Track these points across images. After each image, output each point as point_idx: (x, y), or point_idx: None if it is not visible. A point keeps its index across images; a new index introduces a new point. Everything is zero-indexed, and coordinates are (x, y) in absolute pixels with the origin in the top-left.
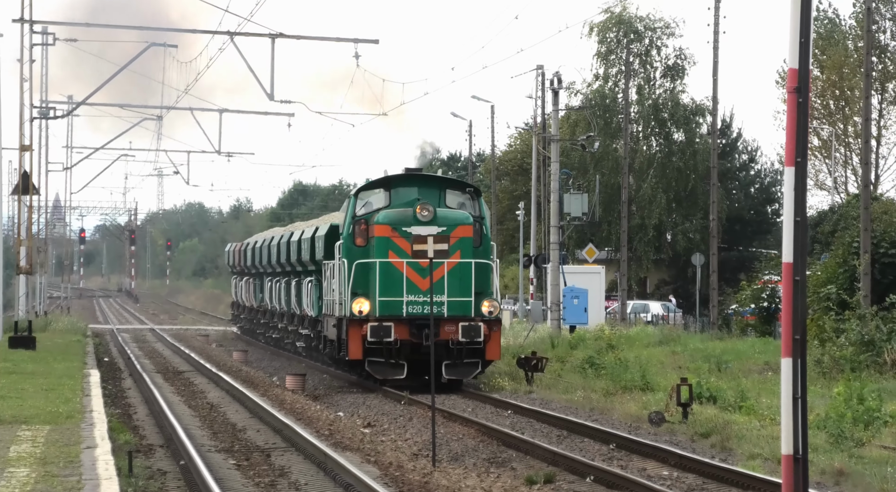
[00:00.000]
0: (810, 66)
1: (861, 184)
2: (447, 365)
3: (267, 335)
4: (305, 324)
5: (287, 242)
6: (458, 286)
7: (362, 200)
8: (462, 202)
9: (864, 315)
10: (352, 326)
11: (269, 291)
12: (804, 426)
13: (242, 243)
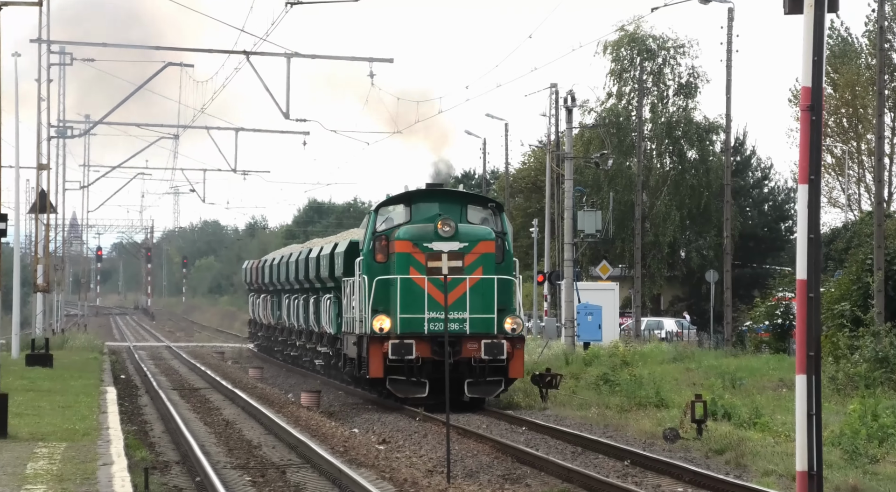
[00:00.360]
0: (823, 84)
1: (874, 201)
2: (469, 383)
3: (285, 353)
4: (324, 341)
5: (305, 258)
6: (480, 303)
7: (382, 215)
8: (484, 218)
9: (879, 332)
10: (372, 344)
11: (286, 308)
12: (819, 443)
13: (260, 260)
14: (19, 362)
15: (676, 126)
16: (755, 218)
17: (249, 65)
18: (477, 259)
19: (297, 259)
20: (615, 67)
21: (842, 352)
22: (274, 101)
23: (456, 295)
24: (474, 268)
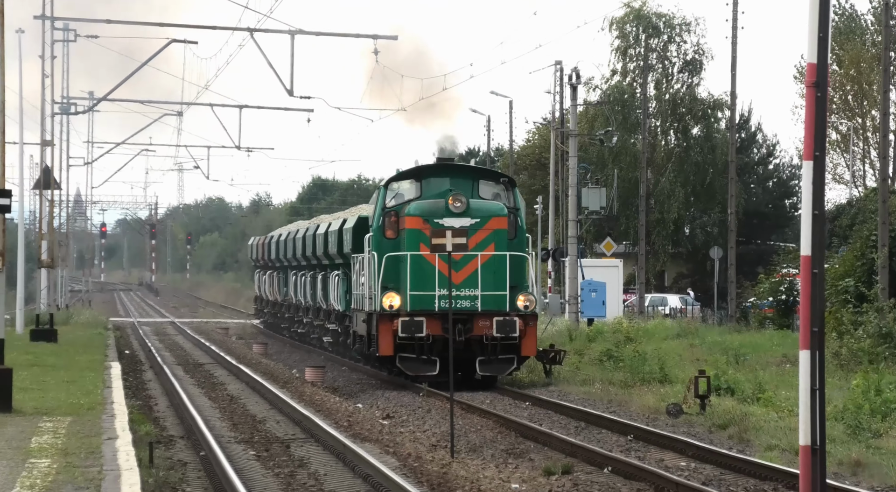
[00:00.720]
0: (829, 60)
1: (879, 177)
2: (481, 361)
3: (292, 330)
4: (332, 319)
5: (313, 235)
6: (492, 280)
7: (392, 191)
8: (496, 193)
9: (882, 308)
10: (382, 322)
11: (293, 285)
12: (822, 418)
13: (266, 237)
14: (24, 338)
15: (681, 103)
16: (760, 195)
17: (253, 42)
18: (489, 235)
19: (304, 235)
20: (620, 44)
21: (845, 328)
22: (278, 78)
23: (467, 272)
24: (486, 244)
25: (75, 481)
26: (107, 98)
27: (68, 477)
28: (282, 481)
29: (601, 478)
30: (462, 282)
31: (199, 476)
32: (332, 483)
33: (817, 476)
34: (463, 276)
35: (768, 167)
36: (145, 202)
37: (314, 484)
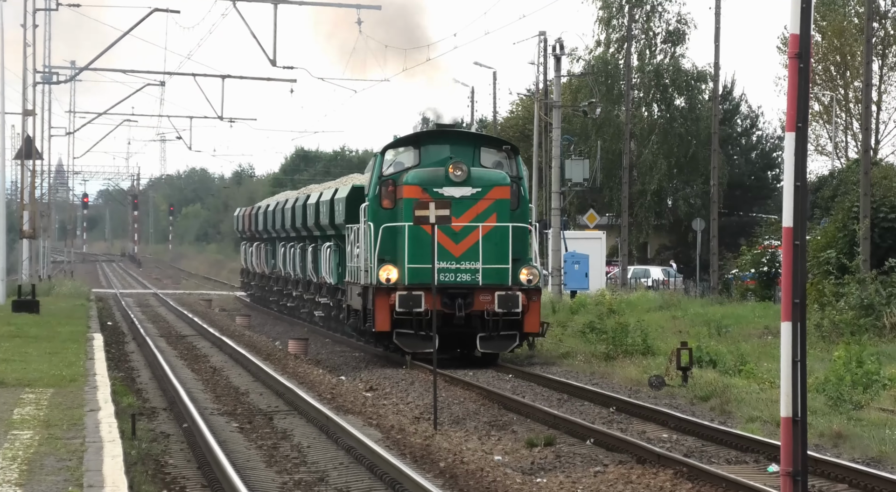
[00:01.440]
0: (811, 31)
1: (861, 149)
2: (482, 338)
3: (281, 304)
4: (323, 292)
5: (303, 205)
6: (494, 252)
7: (389, 158)
8: (498, 161)
9: (864, 279)
10: (379, 296)
11: (282, 257)
12: (803, 389)
13: (253, 207)
14: (5, 308)
15: (664, 74)
16: (742, 166)
17: (236, 11)
18: (490, 205)
19: (293, 206)
20: (603, 15)
21: (827, 299)
22: (261, 48)
23: (468, 244)
24: (488, 215)
25: (58, 453)
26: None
27: (51, 449)
28: (265, 452)
29: (583, 450)
30: (462, 254)
31: (181, 448)
32: (315, 455)
33: (798, 448)
34: (463, 248)
35: (751, 139)
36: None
37: (297, 456)
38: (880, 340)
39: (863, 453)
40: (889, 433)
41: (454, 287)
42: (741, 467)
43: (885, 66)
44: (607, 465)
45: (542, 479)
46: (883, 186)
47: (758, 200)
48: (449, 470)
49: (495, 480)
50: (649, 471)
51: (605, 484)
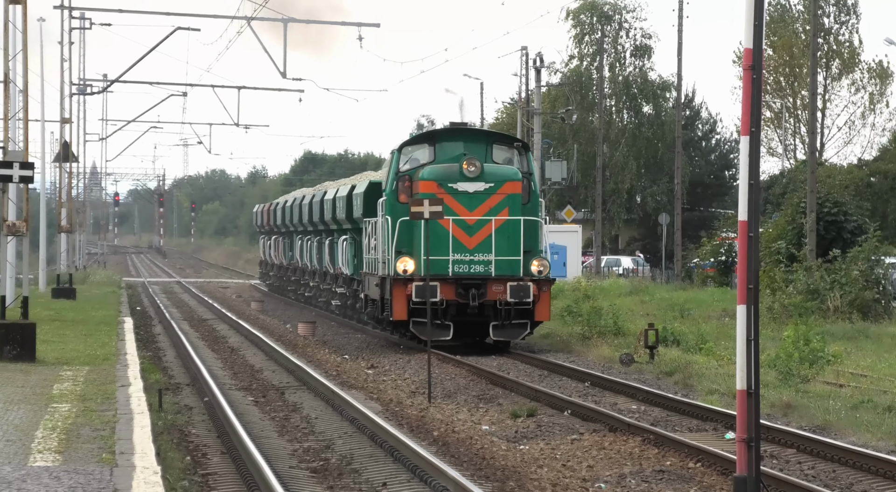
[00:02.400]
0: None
1: (808, 151)
2: (495, 326)
3: (298, 293)
4: (340, 282)
5: (321, 200)
6: (506, 245)
7: (406, 155)
8: (509, 157)
9: (810, 267)
10: (396, 286)
11: (299, 249)
12: (756, 365)
13: (272, 204)
14: (46, 295)
15: (633, 84)
16: (703, 166)
17: (250, 29)
18: (503, 200)
19: (311, 201)
20: (577, 32)
21: (778, 285)
22: (273, 62)
23: (481, 237)
24: (500, 209)
25: (92, 424)
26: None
27: (86, 420)
28: (277, 423)
29: (562, 420)
30: (476, 246)
31: (203, 419)
32: (322, 426)
33: (752, 417)
34: (477, 240)
35: (710, 142)
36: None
37: (306, 426)
38: (825, 321)
39: (809, 421)
40: (832, 404)
41: (468, 278)
42: (702, 435)
43: (829, 77)
44: (583, 433)
45: (525, 446)
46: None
47: (716, 197)
48: (441, 438)
49: (483, 447)
50: (620, 438)
51: (581, 450)
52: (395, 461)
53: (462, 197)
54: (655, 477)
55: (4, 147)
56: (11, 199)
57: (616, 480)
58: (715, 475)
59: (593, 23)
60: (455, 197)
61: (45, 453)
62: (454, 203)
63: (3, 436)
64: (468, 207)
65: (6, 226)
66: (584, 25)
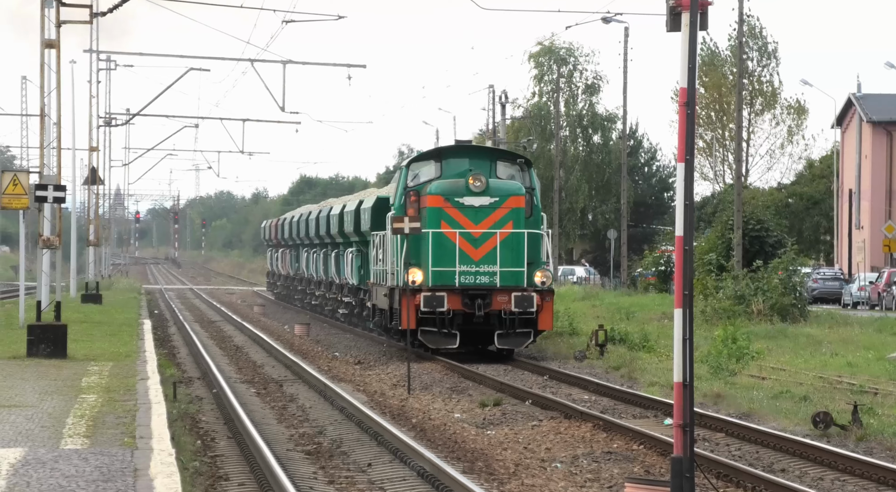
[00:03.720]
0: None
1: (735, 176)
2: (499, 335)
3: (305, 301)
4: (345, 292)
5: (327, 215)
6: (510, 257)
7: (413, 171)
8: (512, 173)
9: (737, 276)
10: (405, 297)
11: (305, 260)
12: (691, 360)
13: (279, 219)
14: (76, 300)
15: (584, 117)
16: (645, 189)
17: (254, 70)
18: (507, 213)
19: (317, 216)
20: (537, 72)
21: (709, 291)
22: (273, 98)
23: (487, 249)
24: (505, 222)
25: (116, 412)
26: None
27: (110, 409)
28: (276, 412)
29: (524, 408)
30: (481, 258)
31: (212, 408)
32: (315, 414)
33: (687, 405)
34: (482, 252)
35: (651, 168)
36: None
37: (301, 414)
38: (749, 322)
39: (736, 409)
40: (756, 394)
41: (474, 288)
42: (644, 421)
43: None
44: (542, 420)
45: (492, 431)
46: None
47: (657, 215)
48: (419, 425)
49: (455, 432)
50: (574, 424)
51: (540, 434)
52: (378, 445)
53: (468, 211)
54: (604, 458)
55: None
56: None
57: (570, 460)
58: (655, 456)
59: (551, 65)
60: (461, 211)
61: (74, 437)
62: (460, 217)
63: (39, 422)
64: (474, 220)
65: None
66: (543, 67)
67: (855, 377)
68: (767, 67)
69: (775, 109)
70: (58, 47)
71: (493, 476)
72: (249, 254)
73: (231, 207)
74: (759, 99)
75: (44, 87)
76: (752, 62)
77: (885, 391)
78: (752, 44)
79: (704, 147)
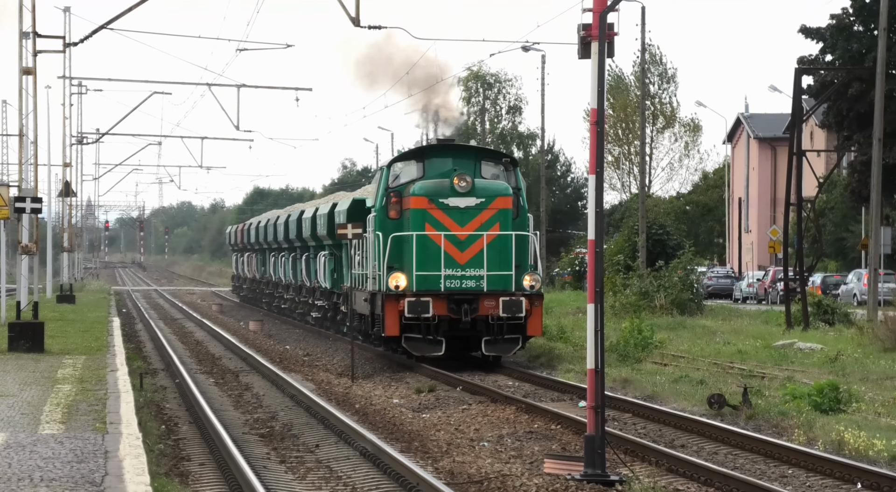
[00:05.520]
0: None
1: (639, 186)
2: (487, 341)
3: (273, 304)
4: (318, 295)
5: (298, 218)
6: (497, 260)
7: (394, 171)
8: (496, 174)
9: (642, 274)
10: (388, 302)
11: (271, 264)
12: (602, 349)
13: (245, 224)
14: (52, 300)
15: (508, 135)
16: (561, 198)
17: (211, 93)
18: (494, 215)
19: (286, 220)
20: (466, 95)
21: (618, 288)
22: (228, 118)
23: (473, 252)
24: (491, 224)
25: (88, 400)
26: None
27: (83, 397)
28: (233, 399)
29: (455, 394)
30: (468, 262)
31: (175, 396)
32: (268, 400)
33: (599, 389)
34: (468, 256)
35: (567, 179)
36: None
37: (256, 401)
38: (653, 316)
39: (641, 392)
40: (658, 379)
41: (460, 293)
42: (561, 404)
43: (655, 130)
44: (471, 404)
45: (427, 414)
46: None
47: (572, 222)
48: (362, 410)
49: (394, 416)
50: (500, 407)
51: (469, 416)
52: (325, 428)
53: (453, 212)
54: (526, 436)
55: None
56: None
57: (496, 439)
58: (571, 434)
59: (478, 88)
60: (446, 212)
61: (51, 423)
62: (445, 218)
63: (19, 410)
64: (459, 222)
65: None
66: (472, 90)
67: (745, 363)
68: (667, 90)
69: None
70: (34, 73)
71: (428, 454)
72: (208, 258)
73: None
74: (660, 118)
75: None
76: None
77: (770, 375)
78: (653, 69)
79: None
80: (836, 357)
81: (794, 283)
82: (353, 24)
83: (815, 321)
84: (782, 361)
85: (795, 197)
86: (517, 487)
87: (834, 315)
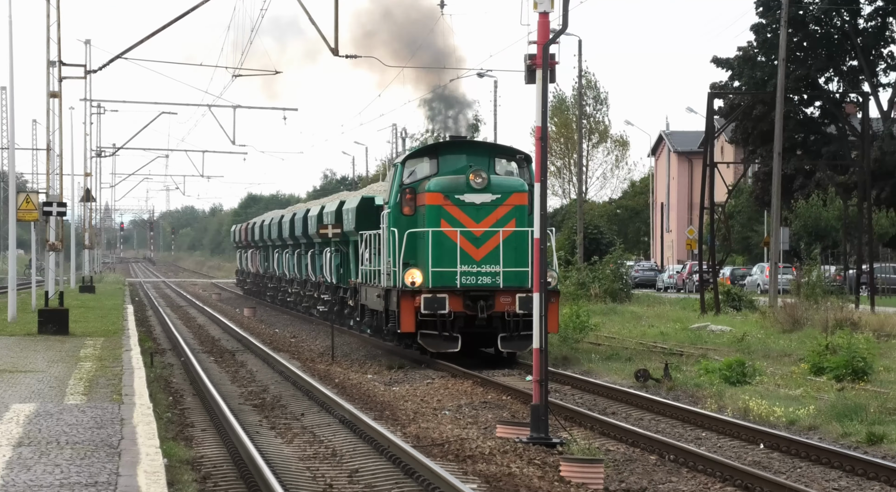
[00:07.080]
0: (548, 124)
1: (578, 192)
2: (503, 338)
3: (278, 298)
4: (323, 289)
5: (304, 217)
6: (513, 256)
7: (409, 168)
8: (510, 170)
9: (580, 268)
10: (404, 298)
11: (275, 260)
12: (545, 332)
13: (248, 223)
14: (75, 290)
15: None
16: None
17: (211, 113)
18: (510, 211)
19: (291, 219)
20: (430, 114)
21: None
22: (226, 134)
23: (489, 248)
24: (507, 220)
25: (106, 375)
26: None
27: (102, 373)
28: (230, 374)
29: (420, 371)
30: (483, 258)
31: (180, 372)
32: (260, 376)
33: (543, 365)
34: (484, 252)
35: None
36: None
37: (250, 376)
38: (589, 303)
39: (579, 368)
40: (594, 356)
41: (476, 289)
42: (511, 378)
43: (590, 145)
44: (434, 379)
45: (396, 388)
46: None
47: None
48: (341, 384)
49: (369, 389)
50: (459, 382)
51: (433, 389)
52: (309, 399)
53: (469, 208)
54: (481, 406)
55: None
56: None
57: (456, 408)
58: (519, 404)
59: (441, 108)
60: (462, 208)
61: (75, 395)
62: (461, 214)
63: (48, 383)
64: (475, 218)
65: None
66: (435, 110)
67: (666, 343)
68: (600, 111)
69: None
70: (60, 97)
71: (397, 421)
72: (208, 254)
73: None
74: (595, 135)
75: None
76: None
77: (688, 353)
78: (589, 93)
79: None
80: (743, 338)
81: (707, 274)
82: (333, 54)
83: (725, 307)
84: (697, 341)
85: (709, 202)
86: (473, 448)
87: (741, 302)
